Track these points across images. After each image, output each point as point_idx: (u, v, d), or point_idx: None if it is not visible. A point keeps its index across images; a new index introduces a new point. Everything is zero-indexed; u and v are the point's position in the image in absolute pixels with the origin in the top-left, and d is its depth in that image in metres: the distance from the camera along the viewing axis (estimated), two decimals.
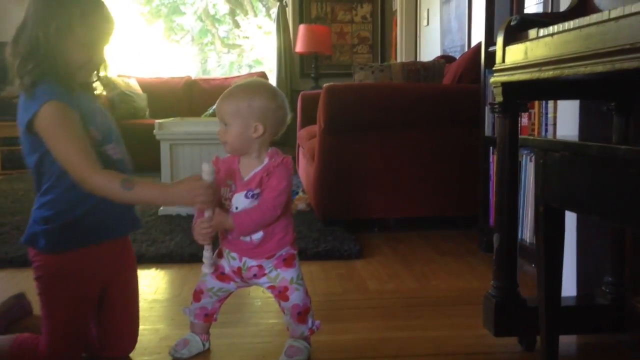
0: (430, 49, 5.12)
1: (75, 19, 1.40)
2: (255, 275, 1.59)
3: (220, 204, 1.55)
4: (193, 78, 6.51)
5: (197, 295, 1.64)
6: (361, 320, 1.87)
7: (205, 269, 1.55)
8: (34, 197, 1.49)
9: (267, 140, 1.55)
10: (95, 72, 1.52)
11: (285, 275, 1.58)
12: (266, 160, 1.54)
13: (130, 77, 6.12)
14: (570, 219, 1.70)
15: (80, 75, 1.48)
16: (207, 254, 1.53)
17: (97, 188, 1.39)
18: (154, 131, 3.38)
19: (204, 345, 1.65)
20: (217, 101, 1.54)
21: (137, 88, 5.99)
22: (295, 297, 1.58)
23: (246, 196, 1.52)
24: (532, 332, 1.58)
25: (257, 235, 1.54)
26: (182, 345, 1.62)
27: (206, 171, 1.45)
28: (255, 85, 1.56)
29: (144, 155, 1.67)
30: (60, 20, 1.39)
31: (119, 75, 5.94)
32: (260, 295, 2.06)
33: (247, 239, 1.55)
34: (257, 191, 1.52)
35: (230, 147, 1.54)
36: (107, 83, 1.56)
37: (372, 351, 1.64)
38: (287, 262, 1.59)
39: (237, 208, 1.53)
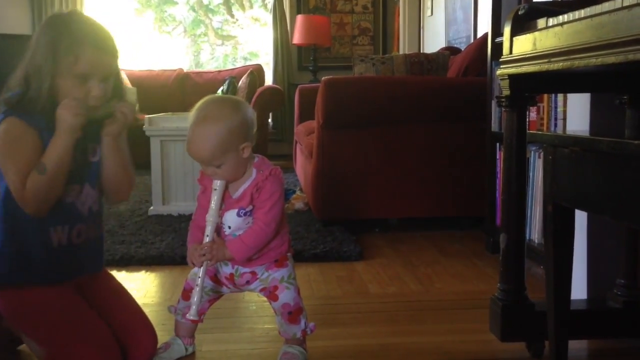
0: (434, 40, 5.09)
1: (69, 63, 1.36)
2: (248, 282, 1.56)
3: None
4: (185, 71, 6.39)
5: (187, 293, 1.58)
6: (362, 325, 1.85)
7: (191, 316, 1.48)
8: None
9: (252, 149, 1.48)
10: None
11: (276, 275, 1.54)
12: (254, 173, 1.48)
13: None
14: (581, 218, 1.68)
15: (94, 113, 1.42)
16: (196, 295, 1.46)
17: (30, 193, 1.36)
18: (144, 127, 3.31)
19: (186, 349, 1.61)
20: (190, 146, 1.42)
21: (126, 81, 5.92)
22: (284, 295, 1.53)
23: (238, 214, 1.48)
24: (540, 337, 1.56)
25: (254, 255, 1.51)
26: (163, 349, 1.58)
27: (217, 184, 1.45)
28: (215, 106, 1.44)
29: (132, 152, 1.60)
30: (52, 67, 1.36)
31: None
32: (254, 300, 2.03)
33: None
34: (249, 208, 1.48)
35: (228, 180, 1.47)
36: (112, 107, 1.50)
37: (373, 357, 1.61)
38: (278, 262, 1.55)
39: (229, 227, 1.49)
